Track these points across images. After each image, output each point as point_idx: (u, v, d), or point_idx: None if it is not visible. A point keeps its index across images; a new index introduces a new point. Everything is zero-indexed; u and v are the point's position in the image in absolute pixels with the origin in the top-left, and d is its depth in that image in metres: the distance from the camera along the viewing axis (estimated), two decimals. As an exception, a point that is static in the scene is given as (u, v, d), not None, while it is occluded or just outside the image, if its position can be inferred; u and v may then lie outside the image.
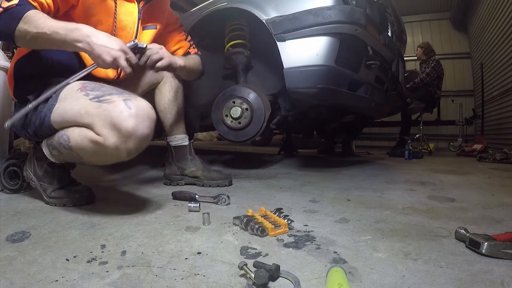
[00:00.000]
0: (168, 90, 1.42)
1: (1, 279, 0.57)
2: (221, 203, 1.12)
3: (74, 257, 0.67)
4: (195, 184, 1.48)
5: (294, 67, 1.48)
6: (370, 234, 0.82)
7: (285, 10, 1.50)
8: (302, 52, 1.46)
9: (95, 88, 0.91)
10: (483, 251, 0.66)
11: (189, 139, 1.53)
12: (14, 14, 0.85)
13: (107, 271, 0.60)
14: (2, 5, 0.84)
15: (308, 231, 0.84)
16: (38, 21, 0.87)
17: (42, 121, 0.97)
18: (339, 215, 1.00)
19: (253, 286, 0.53)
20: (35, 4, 0.91)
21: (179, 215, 0.99)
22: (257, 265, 0.57)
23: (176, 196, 1.19)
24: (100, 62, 0.90)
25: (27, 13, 0.86)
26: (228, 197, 1.13)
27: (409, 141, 3.05)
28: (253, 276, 0.53)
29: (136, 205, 1.10)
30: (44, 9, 0.94)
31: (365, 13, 1.48)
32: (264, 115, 1.65)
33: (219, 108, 1.74)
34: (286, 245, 0.74)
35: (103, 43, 0.89)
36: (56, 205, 1.08)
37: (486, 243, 0.66)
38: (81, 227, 0.87)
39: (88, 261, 0.65)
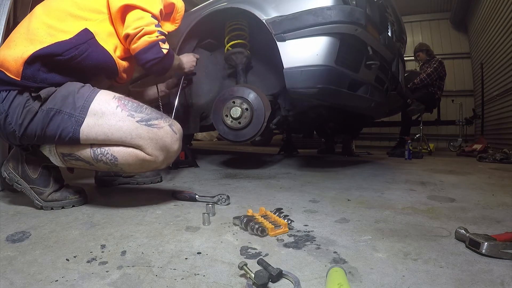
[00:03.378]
0: None
1: (1, 279, 0.57)
2: (221, 203, 1.12)
3: (74, 257, 0.67)
4: (129, 183, 1.50)
5: (294, 67, 1.48)
6: (370, 234, 0.82)
7: (285, 10, 1.50)
8: (302, 52, 1.46)
9: (136, 109, 0.99)
10: (483, 251, 0.66)
11: None
12: (171, 54, 1.17)
13: (107, 271, 0.60)
14: (166, 47, 1.11)
15: (308, 231, 0.84)
16: (176, 57, 1.30)
17: (63, 132, 0.94)
18: (339, 215, 1.00)
19: (253, 286, 0.53)
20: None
21: (179, 215, 0.99)
22: (260, 263, 0.57)
23: (176, 196, 1.20)
24: (186, 70, 1.46)
25: (173, 53, 1.21)
26: (228, 197, 1.13)
27: (409, 141, 3.05)
28: (253, 276, 0.53)
29: (136, 205, 1.10)
30: None
31: (365, 13, 1.48)
32: (264, 115, 1.65)
33: (219, 108, 1.74)
34: (286, 245, 0.74)
35: (188, 61, 1.46)
36: (52, 208, 1.05)
37: (486, 243, 0.66)
38: (81, 227, 0.87)
39: (88, 261, 0.65)
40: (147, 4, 1.06)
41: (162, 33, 1.10)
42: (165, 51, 1.10)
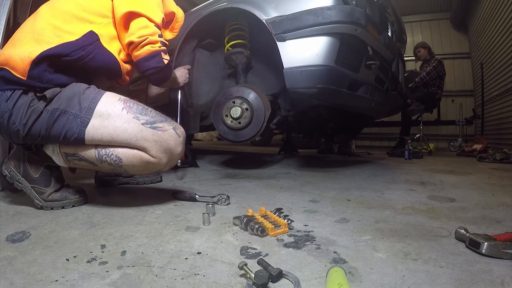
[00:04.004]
0: None
1: (1, 279, 0.57)
2: (221, 203, 1.12)
3: (74, 257, 0.67)
4: (129, 183, 1.49)
5: (294, 67, 1.48)
6: (370, 234, 0.82)
7: (285, 10, 1.50)
8: (302, 52, 1.46)
9: (141, 111, 1.00)
10: (483, 251, 0.66)
11: None
12: (171, 66, 1.23)
13: (107, 271, 0.60)
14: (166, 58, 1.15)
15: (308, 231, 0.84)
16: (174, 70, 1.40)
17: (68, 133, 0.94)
18: (339, 215, 1.00)
19: (253, 286, 0.53)
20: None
21: (179, 215, 0.99)
22: (260, 263, 0.57)
23: (176, 196, 1.20)
24: (181, 84, 1.62)
25: (172, 65, 1.30)
26: (228, 197, 1.13)
27: (409, 141, 3.05)
28: (253, 276, 0.53)
29: (136, 205, 1.10)
30: None
31: (365, 13, 1.48)
32: (264, 115, 1.65)
33: (219, 108, 1.74)
34: (286, 245, 0.74)
35: (181, 75, 1.61)
36: (52, 208, 1.05)
37: (486, 243, 0.66)
38: (81, 227, 0.87)
39: (88, 261, 0.65)
40: (151, 13, 1.09)
41: (164, 44, 1.13)
42: (165, 62, 1.14)
